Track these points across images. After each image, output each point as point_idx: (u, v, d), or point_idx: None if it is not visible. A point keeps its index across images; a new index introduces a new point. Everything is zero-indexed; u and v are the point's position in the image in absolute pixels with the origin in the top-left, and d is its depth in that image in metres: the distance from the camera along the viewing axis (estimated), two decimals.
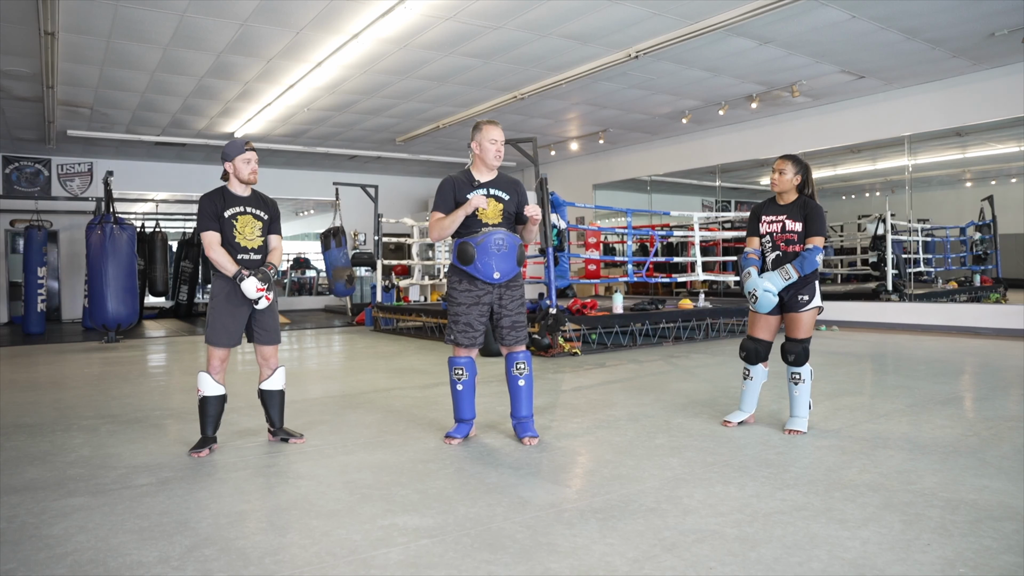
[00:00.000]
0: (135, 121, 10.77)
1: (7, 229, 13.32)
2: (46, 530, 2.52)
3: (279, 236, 3.82)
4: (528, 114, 10.82)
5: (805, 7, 6.54)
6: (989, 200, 9.79)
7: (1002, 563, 2.13)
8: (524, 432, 3.67)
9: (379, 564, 2.20)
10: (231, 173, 3.66)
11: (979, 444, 3.48)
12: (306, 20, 6.77)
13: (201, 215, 3.60)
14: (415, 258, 11.86)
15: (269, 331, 3.72)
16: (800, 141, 10.61)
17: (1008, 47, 7.73)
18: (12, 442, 3.87)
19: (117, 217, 9.74)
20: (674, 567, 2.14)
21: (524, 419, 3.71)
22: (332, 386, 5.70)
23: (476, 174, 3.67)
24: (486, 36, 7.28)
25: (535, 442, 3.64)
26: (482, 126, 3.63)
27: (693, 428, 3.93)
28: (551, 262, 7.47)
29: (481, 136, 3.62)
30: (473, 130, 3.67)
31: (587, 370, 6.29)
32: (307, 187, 15.62)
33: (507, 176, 3.77)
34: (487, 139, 3.61)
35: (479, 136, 3.62)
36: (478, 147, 3.63)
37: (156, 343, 9.52)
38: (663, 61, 8.23)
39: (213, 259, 3.57)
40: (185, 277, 14.59)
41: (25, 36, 6.94)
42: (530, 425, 3.71)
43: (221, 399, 3.65)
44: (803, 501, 2.70)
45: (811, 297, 3.75)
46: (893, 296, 9.89)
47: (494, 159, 3.63)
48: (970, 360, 6.58)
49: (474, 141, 3.64)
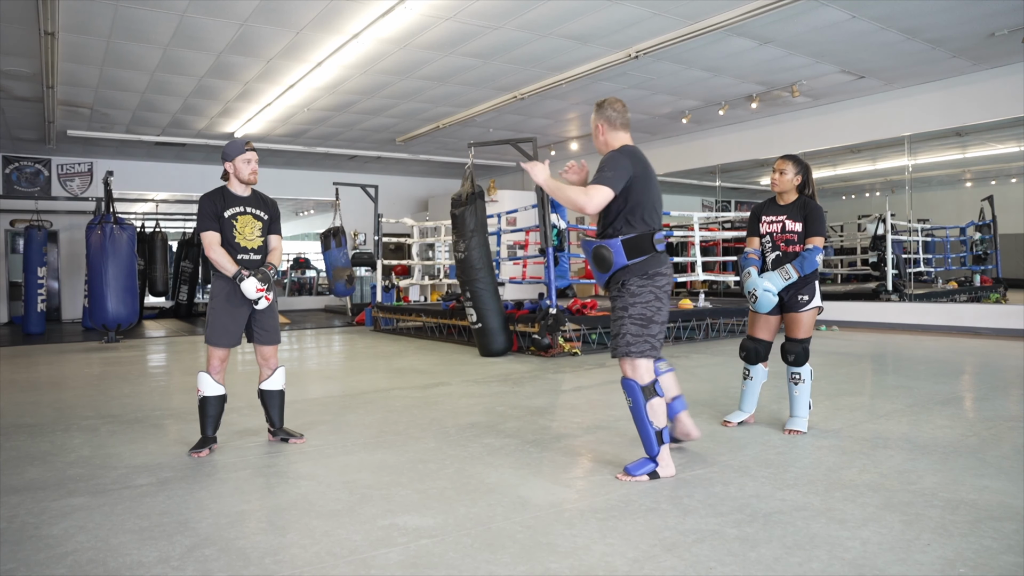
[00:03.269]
0: (135, 121, 10.76)
1: (7, 229, 13.32)
2: (46, 530, 2.52)
3: (279, 236, 3.81)
4: (528, 114, 10.82)
5: (805, 7, 6.54)
6: (989, 200, 9.79)
7: (1002, 563, 2.13)
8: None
9: (379, 564, 2.20)
10: (231, 173, 3.66)
11: (979, 444, 3.48)
12: (306, 20, 6.77)
13: (201, 215, 3.60)
14: (415, 258, 11.86)
15: (269, 331, 3.72)
16: (800, 141, 10.61)
17: (1008, 47, 7.73)
18: (12, 442, 3.87)
19: (117, 217, 9.74)
20: (674, 567, 2.14)
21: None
22: (332, 386, 5.70)
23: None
24: (486, 36, 7.28)
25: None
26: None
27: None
28: (551, 262, 7.47)
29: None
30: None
31: (587, 370, 6.29)
32: (307, 187, 15.62)
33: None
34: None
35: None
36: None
37: (156, 343, 9.52)
38: (663, 61, 8.22)
39: (213, 259, 3.57)
40: (185, 277, 14.59)
41: (25, 36, 6.94)
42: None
43: (221, 399, 3.65)
44: (803, 501, 2.70)
45: (811, 297, 3.75)
46: (893, 296, 9.90)
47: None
48: (970, 360, 6.57)
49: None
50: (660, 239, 3.06)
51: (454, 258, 7.55)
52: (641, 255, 3.02)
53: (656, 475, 3.00)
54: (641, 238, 3.02)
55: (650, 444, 3.00)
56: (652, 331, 3.01)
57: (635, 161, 3.05)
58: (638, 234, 3.02)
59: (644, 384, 2.99)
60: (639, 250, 3.02)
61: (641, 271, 3.02)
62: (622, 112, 3.20)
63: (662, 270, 3.06)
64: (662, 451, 3.01)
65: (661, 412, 3.01)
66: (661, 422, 3.00)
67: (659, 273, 3.05)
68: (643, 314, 3.00)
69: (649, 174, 3.10)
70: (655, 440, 2.98)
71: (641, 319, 3.00)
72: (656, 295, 3.03)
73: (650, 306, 3.01)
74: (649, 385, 2.99)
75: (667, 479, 3.00)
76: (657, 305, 3.03)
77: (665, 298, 3.07)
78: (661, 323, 3.04)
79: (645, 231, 3.03)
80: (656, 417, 2.99)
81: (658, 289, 3.04)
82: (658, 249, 3.04)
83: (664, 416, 3.03)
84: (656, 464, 3.01)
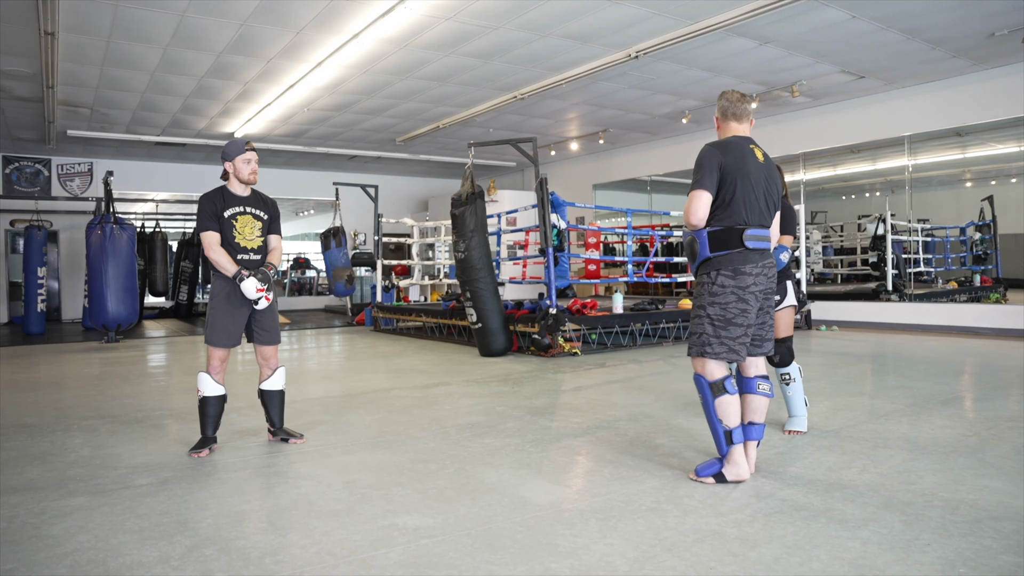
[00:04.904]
0: (135, 121, 10.76)
1: (7, 229, 13.32)
2: (46, 530, 2.52)
3: (279, 236, 3.81)
4: (528, 114, 10.82)
5: (805, 7, 6.54)
6: (989, 200, 9.79)
7: (1002, 563, 2.13)
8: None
9: (379, 564, 2.20)
10: (231, 173, 3.66)
11: (979, 444, 3.48)
12: (306, 20, 6.77)
13: (201, 215, 3.60)
14: (415, 258, 11.86)
15: (269, 331, 3.72)
16: (800, 141, 10.62)
17: (1008, 47, 7.73)
18: (12, 442, 3.87)
19: (117, 217, 9.74)
20: (674, 567, 2.14)
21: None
22: (332, 386, 5.70)
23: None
24: (486, 36, 7.28)
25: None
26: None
27: (693, 428, 3.93)
28: (551, 262, 7.47)
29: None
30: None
31: (587, 370, 6.29)
32: (307, 187, 15.62)
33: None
34: None
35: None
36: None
37: (156, 343, 9.52)
38: (663, 61, 8.22)
39: (213, 259, 3.57)
40: (185, 277, 14.60)
41: (25, 36, 6.93)
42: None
43: (221, 399, 3.65)
44: (803, 501, 2.70)
45: (783, 296, 3.72)
46: (893, 296, 9.89)
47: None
48: (970, 360, 6.57)
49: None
50: (754, 236, 2.89)
51: (454, 258, 7.55)
52: (726, 249, 2.88)
53: (723, 477, 2.90)
54: (728, 232, 2.88)
55: (719, 443, 2.90)
56: (732, 333, 2.87)
57: (725, 151, 2.92)
58: (723, 227, 2.89)
59: (712, 380, 2.88)
60: (724, 244, 2.88)
61: (725, 266, 2.88)
62: (734, 102, 3.06)
63: (748, 269, 2.87)
64: (732, 451, 2.88)
65: (732, 411, 2.87)
66: (732, 421, 2.87)
67: (744, 272, 2.87)
68: (721, 315, 2.87)
69: (743, 164, 2.91)
70: (724, 439, 2.88)
71: (719, 320, 2.87)
72: (739, 296, 2.87)
73: (730, 308, 2.87)
74: (718, 382, 2.87)
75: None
76: (740, 307, 2.87)
77: (751, 299, 2.88)
78: (744, 326, 2.88)
79: (733, 225, 2.88)
80: (726, 416, 2.86)
81: (742, 290, 2.87)
82: (748, 246, 2.87)
83: (736, 415, 2.88)
84: (723, 464, 2.91)
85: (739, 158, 2.92)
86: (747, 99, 3.12)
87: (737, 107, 3.07)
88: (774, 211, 3.04)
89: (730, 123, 3.08)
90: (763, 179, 2.96)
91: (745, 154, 2.95)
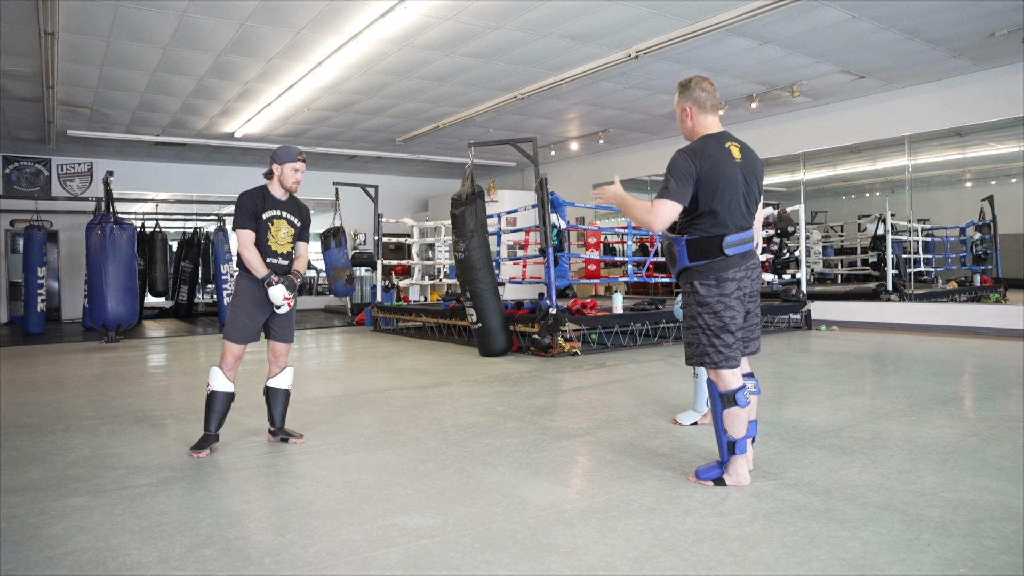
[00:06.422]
0: (135, 121, 10.76)
1: (7, 229, 13.32)
2: (46, 530, 2.52)
3: (306, 244, 3.84)
4: (528, 114, 10.82)
5: (805, 7, 6.54)
6: (989, 200, 9.79)
7: (1002, 563, 2.13)
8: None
9: (379, 564, 2.19)
10: (276, 176, 3.67)
11: (979, 444, 3.48)
12: (306, 20, 6.77)
13: (239, 212, 3.60)
14: (415, 258, 11.86)
15: (286, 329, 3.77)
16: (800, 141, 10.62)
17: (1008, 47, 7.73)
18: (12, 442, 3.87)
19: (117, 217, 9.74)
20: (674, 567, 2.14)
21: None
22: (332, 386, 5.70)
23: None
24: (486, 36, 7.28)
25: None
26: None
27: (694, 428, 3.93)
28: (551, 262, 7.47)
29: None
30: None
31: (587, 370, 6.29)
32: (307, 187, 15.50)
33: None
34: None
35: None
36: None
37: (156, 343, 9.52)
38: (663, 61, 8.23)
39: (245, 258, 3.57)
40: (185, 277, 14.59)
41: (25, 36, 6.94)
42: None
43: (229, 396, 3.66)
44: (803, 501, 2.70)
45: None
46: (893, 296, 9.89)
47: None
48: (970, 360, 6.57)
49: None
50: (735, 241, 2.83)
51: (454, 258, 7.55)
52: (705, 259, 2.84)
53: (722, 482, 2.89)
54: (705, 241, 2.83)
55: (722, 449, 2.90)
56: (726, 340, 2.84)
57: (701, 160, 2.81)
58: (701, 237, 2.84)
59: (724, 391, 2.85)
60: (704, 253, 2.83)
61: (706, 276, 2.84)
62: (712, 92, 2.93)
63: (731, 274, 2.83)
64: (734, 461, 2.88)
65: (739, 423, 2.84)
66: (738, 433, 2.84)
67: (727, 279, 2.83)
68: (712, 324, 2.84)
69: (720, 171, 2.80)
70: (726, 448, 2.88)
71: (712, 329, 2.85)
72: (726, 304, 2.84)
73: (720, 316, 2.84)
74: (729, 393, 2.83)
75: (667, 479, 2.99)
76: (729, 314, 2.84)
77: (737, 304, 2.85)
78: (735, 330, 2.86)
79: (710, 234, 2.82)
80: (732, 427, 2.84)
81: (727, 297, 2.83)
82: (728, 253, 2.81)
83: (743, 428, 2.85)
84: (724, 470, 2.90)
85: (715, 165, 2.81)
86: (714, 85, 2.98)
87: (714, 96, 2.95)
88: (755, 206, 2.97)
89: (708, 116, 2.94)
90: (742, 180, 2.86)
91: (721, 158, 2.84)
